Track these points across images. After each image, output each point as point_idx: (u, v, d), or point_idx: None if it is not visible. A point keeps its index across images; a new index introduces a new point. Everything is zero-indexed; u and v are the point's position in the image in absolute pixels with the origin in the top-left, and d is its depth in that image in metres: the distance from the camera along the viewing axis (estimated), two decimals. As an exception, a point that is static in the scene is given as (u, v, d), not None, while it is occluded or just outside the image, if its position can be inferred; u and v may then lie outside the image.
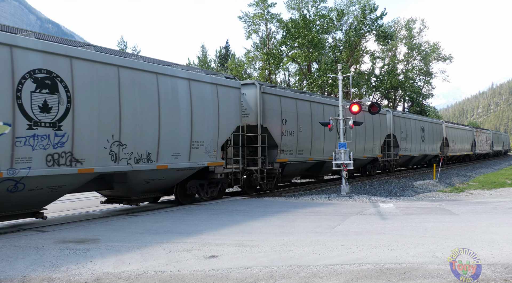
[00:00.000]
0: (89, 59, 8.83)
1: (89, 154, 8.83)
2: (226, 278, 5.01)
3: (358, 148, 19.88)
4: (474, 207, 11.53)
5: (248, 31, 43.05)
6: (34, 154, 7.87)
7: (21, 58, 7.70)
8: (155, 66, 10.49)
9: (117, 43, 49.85)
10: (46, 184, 8.28)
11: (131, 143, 9.72)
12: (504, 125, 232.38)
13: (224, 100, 12.40)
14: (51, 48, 8.18)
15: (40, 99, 7.96)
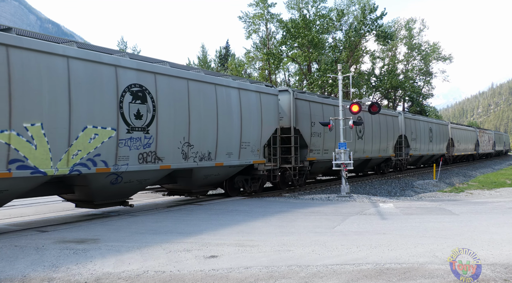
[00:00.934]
0: (167, 74, 10.64)
1: (167, 153, 10.61)
2: (226, 278, 5.01)
3: (374, 147, 21.53)
4: (474, 207, 11.53)
5: (248, 31, 43.06)
6: (130, 153, 9.66)
7: (122, 75, 9.52)
8: (214, 78, 12.30)
9: (117, 43, 49.87)
10: (136, 178, 10.12)
11: (197, 143, 11.52)
12: (504, 125, 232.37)
13: (266, 106, 14.12)
14: (141, 66, 9.98)
15: (135, 109, 9.78)
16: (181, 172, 11.48)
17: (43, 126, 8.04)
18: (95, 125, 8.96)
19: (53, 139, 8.21)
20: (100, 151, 9.05)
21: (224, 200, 13.05)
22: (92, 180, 9.18)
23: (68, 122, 8.45)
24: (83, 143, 8.73)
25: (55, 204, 12.90)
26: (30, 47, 7.87)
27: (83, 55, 8.79)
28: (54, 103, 8.20)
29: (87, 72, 8.81)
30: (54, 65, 8.24)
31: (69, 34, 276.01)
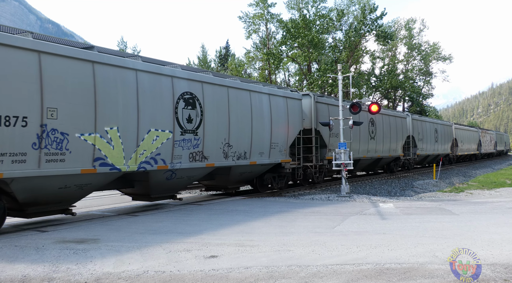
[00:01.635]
0: (211, 83, 11.94)
1: (211, 153, 11.86)
2: (226, 278, 5.01)
3: (385, 147, 22.90)
4: (474, 207, 11.53)
5: (248, 31, 43.04)
6: (183, 152, 10.97)
7: (177, 85, 10.82)
8: (249, 85, 13.66)
9: (117, 43, 49.83)
10: (186, 174, 11.48)
11: (235, 144, 12.73)
12: (504, 125, 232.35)
13: (291, 110, 15.37)
14: (191, 76, 11.36)
15: (186, 114, 11.10)
16: (220, 170, 12.64)
17: (118, 130, 9.41)
18: (156, 129, 10.29)
19: (125, 141, 9.60)
20: (160, 150, 10.39)
21: (224, 200, 13.05)
22: (152, 176, 10.54)
23: (137, 126, 9.84)
24: (147, 143, 10.08)
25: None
26: (109, 63, 9.25)
27: (148, 68, 10.18)
28: (126, 110, 9.59)
29: (151, 83, 10.20)
30: (127, 78, 9.66)
31: (69, 34, 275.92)
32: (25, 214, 8.51)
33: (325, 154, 17.33)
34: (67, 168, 8.44)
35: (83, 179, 8.91)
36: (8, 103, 7.48)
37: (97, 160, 8.96)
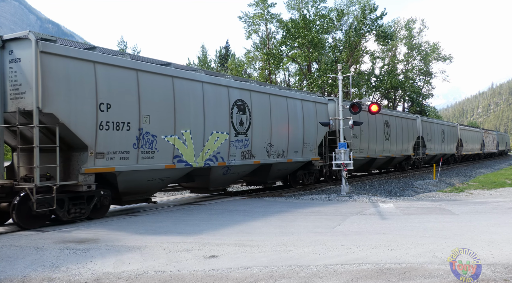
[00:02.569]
0: (257, 91, 13.86)
1: (257, 151, 13.73)
2: (226, 278, 5.01)
3: (397, 147, 24.84)
4: (474, 207, 11.53)
5: (248, 31, 43.04)
6: (236, 151, 12.83)
7: (231, 93, 12.70)
8: (285, 92, 15.60)
9: (117, 43, 49.85)
10: (238, 170, 13.39)
11: (276, 144, 14.58)
12: (504, 125, 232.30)
13: (319, 113, 17.15)
14: (242, 86, 13.28)
15: (239, 118, 12.98)
16: (263, 166, 14.35)
17: (190, 132, 11.30)
18: (217, 131, 12.16)
19: (195, 141, 11.46)
20: (220, 149, 12.24)
21: (224, 200, 13.05)
22: (213, 171, 12.38)
23: (203, 129, 11.70)
24: (211, 144, 11.94)
25: None
26: (184, 77, 11.21)
27: (210, 80, 12.08)
28: (196, 115, 11.46)
29: (212, 92, 12.07)
30: (196, 88, 11.58)
31: (69, 34, 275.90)
32: (121, 202, 10.43)
33: None
34: (156, 164, 10.37)
35: (165, 173, 10.86)
36: (119, 113, 9.48)
37: (176, 157, 10.91)
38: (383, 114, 23.23)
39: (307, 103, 16.40)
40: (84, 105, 8.91)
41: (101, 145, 9.18)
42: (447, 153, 34.95)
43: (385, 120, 23.27)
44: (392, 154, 24.07)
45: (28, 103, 8.35)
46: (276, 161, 14.55)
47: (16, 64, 8.49)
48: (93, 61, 9.05)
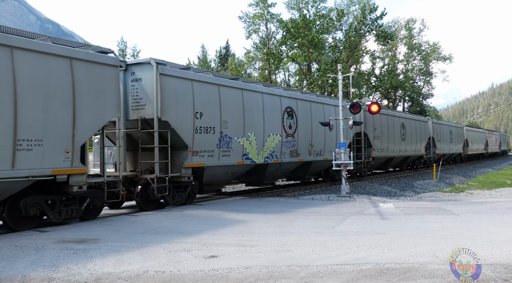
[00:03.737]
0: (302, 99, 16.46)
1: (302, 151, 16.23)
2: (226, 278, 5.01)
3: (412, 147, 27.33)
4: (474, 207, 11.53)
5: (248, 31, 43.00)
6: (286, 150, 15.24)
7: (283, 102, 15.34)
8: (322, 99, 18.29)
9: (117, 43, 49.81)
10: (286, 167, 15.75)
11: (315, 144, 17.04)
12: (504, 125, 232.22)
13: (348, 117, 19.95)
14: (291, 95, 15.83)
15: (288, 122, 15.45)
16: (304, 164, 16.67)
17: (254, 134, 13.77)
18: (273, 133, 14.61)
19: (258, 142, 13.93)
20: (275, 149, 14.69)
21: (224, 200, 13.05)
22: (269, 167, 14.74)
23: (263, 131, 14.20)
24: (268, 144, 14.37)
25: None
26: (249, 89, 13.83)
27: (267, 90, 14.67)
28: (258, 121, 13.97)
29: (269, 101, 14.59)
30: (257, 98, 14.13)
31: (69, 34, 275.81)
32: (202, 191, 12.90)
33: (371, 153, 21.87)
34: (231, 161, 12.84)
35: (236, 168, 13.31)
36: (208, 120, 12.07)
37: (244, 155, 13.34)
38: (400, 117, 26.08)
39: (334, 108, 18.94)
40: (186, 114, 11.44)
41: (196, 145, 11.72)
42: (454, 153, 37.39)
43: (402, 122, 25.82)
44: (407, 153, 26.49)
45: (148, 113, 10.89)
46: (315, 159, 17.11)
47: (138, 83, 11.12)
48: (190, 79, 11.70)
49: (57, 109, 8.41)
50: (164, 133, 10.95)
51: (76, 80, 8.75)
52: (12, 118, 7.72)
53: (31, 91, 8.03)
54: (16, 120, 7.78)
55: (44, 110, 8.21)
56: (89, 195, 9.10)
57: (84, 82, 8.91)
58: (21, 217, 8.16)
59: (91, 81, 9.06)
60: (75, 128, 8.72)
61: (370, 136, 21.65)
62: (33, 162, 8.01)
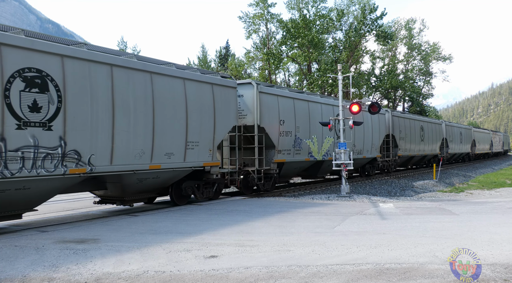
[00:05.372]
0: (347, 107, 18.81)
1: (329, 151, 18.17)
2: (226, 278, 5.01)
3: (429, 147, 30.78)
4: (474, 207, 11.53)
5: (248, 31, 43.00)
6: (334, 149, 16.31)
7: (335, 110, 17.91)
8: None
9: (117, 43, 49.76)
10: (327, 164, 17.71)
11: (357, 144, 19.98)
12: (504, 125, 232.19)
13: (381, 122, 23.02)
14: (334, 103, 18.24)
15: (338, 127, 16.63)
16: None
17: (316, 137, 16.93)
18: (328, 136, 17.66)
19: (318, 143, 17.09)
20: (329, 149, 17.78)
21: (224, 200, 13.05)
22: (324, 163, 17.61)
23: (322, 135, 17.30)
24: (325, 145, 17.49)
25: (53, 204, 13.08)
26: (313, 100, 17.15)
27: (324, 101, 17.83)
28: (318, 125, 16.67)
29: (326, 109, 17.64)
30: (318, 108, 17.20)
31: (69, 34, 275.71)
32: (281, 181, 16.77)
33: (397, 152, 25.43)
34: (301, 157, 16.15)
35: (303, 164, 16.63)
36: (287, 125, 15.35)
37: (309, 153, 16.56)
38: (420, 121, 29.78)
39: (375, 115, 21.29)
40: (273, 121, 14.68)
41: (280, 145, 14.98)
42: (463, 152, 41.29)
43: (421, 125, 29.42)
44: (425, 153, 30.03)
45: (249, 121, 14.17)
46: (357, 156, 19.76)
47: (240, 98, 14.08)
48: (276, 95, 15.03)
49: (206, 120, 11.88)
50: (260, 136, 14.19)
51: (215, 99, 12.24)
52: (185, 127, 11.18)
53: (194, 108, 11.43)
54: (187, 129, 11.22)
55: (200, 121, 11.67)
56: (217, 181, 12.92)
57: (219, 100, 12.37)
58: (180, 195, 11.91)
59: (222, 99, 12.52)
60: (215, 133, 12.24)
61: (397, 138, 25.17)
62: (194, 157, 11.48)
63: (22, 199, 8.15)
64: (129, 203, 10.78)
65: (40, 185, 8.17)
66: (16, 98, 7.59)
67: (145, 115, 10.03)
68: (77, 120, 8.56)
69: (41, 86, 7.97)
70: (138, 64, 9.99)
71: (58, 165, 8.26)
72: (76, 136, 8.56)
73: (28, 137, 7.77)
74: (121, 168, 9.51)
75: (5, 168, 7.43)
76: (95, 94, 8.90)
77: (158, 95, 10.32)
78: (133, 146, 9.77)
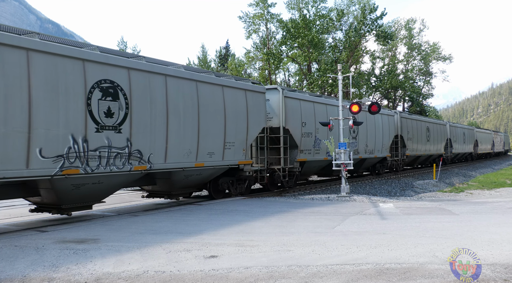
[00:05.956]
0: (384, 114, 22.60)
1: (361, 150, 20.33)
2: (226, 278, 5.01)
3: (434, 147, 32.37)
4: (474, 207, 11.53)
5: (248, 31, 42.98)
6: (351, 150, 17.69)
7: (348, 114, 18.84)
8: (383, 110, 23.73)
9: (117, 43, 49.76)
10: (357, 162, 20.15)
11: (369, 145, 21.44)
12: (504, 125, 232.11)
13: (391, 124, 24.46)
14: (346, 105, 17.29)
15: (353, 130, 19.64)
16: (362, 160, 21.02)
17: (333, 138, 17.65)
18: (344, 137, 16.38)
19: (335, 143, 17.29)
20: None
21: (224, 200, 13.04)
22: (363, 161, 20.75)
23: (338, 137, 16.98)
24: None
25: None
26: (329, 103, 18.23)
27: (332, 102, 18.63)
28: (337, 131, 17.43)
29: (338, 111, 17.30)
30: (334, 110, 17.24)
31: (69, 34, 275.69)
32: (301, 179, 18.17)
33: (405, 152, 26.90)
34: (320, 157, 17.47)
35: (321, 163, 17.75)
36: (308, 127, 16.44)
37: (327, 153, 17.66)
38: (425, 122, 31.15)
39: (385, 117, 23.31)
40: (296, 123, 15.75)
41: (302, 145, 16.15)
42: (467, 152, 42.86)
43: (427, 126, 30.74)
44: (431, 152, 31.46)
45: (274, 123, 15.38)
46: (368, 156, 21.37)
47: (267, 102, 14.93)
48: (299, 99, 16.16)
49: (240, 123, 13.20)
50: (285, 137, 15.25)
51: (248, 103, 13.55)
52: (223, 129, 12.51)
53: (231, 112, 12.79)
54: (225, 130, 12.58)
55: (236, 124, 12.99)
56: (248, 178, 14.12)
57: (251, 104, 13.67)
58: (217, 190, 13.32)
59: (254, 103, 13.81)
60: (247, 134, 13.59)
61: (405, 138, 26.54)
62: (230, 156, 12.83)
63: (95, 192, 9.52)
64: (175, 196, 12.31)
65: (111, 180, 9.59)
66: (95, 106, 8.96)
67: (192, 119, 11.42)
68: (140, 124, 9.93)
69: (113, 95, 9.37)
70: (186, 74, 11.38)
71: (125, 162, 9.63)
72: (139, 138, 9.93)
73: (104, 139, 9.14)
74: (172, 166, 10.94)
75: (87, 165, 8.81)
76: (153, 101, 10.30)
77: (202, 101, 11.74)
78: (182, 146, 11.17)
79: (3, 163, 7.54)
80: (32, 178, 8.09)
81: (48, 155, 8.18)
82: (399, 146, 25.89)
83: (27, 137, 7.84)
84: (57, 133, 8.30)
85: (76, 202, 9.29)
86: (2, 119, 7.51)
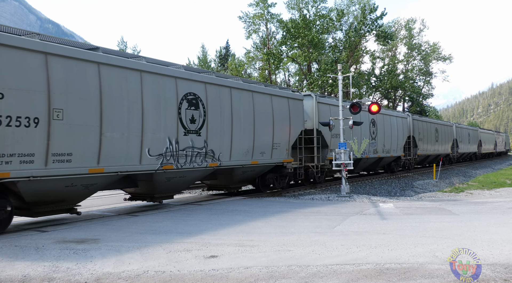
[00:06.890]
0: (381, 113, 22.45)
1: (379, 150, 22.06)
2: (226, 278, 5.01)
3: (442, 147, 34.19)
4: (474, 207, 11.53)
5: (248, 31, 42.97)
6: (371, 149, 21.20)
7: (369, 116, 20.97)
8: (389, 111, 25.25)
9: (117, 43, 49.76)
10: (370, 161, 21.95)
11: (387, 145, 23.32)
12: (504, 125, 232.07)
13: (404, 125, 26.29)
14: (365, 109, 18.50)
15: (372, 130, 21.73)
16: (380, 159, 22.83)
17: (357, 138, 19.61)
18: (365, 137, 20.65)
19: (358, 144, 19.74)
20: (365, 148, 20.60)
21: (224, 200, 13.05)
22: (361, 161, 20.60)
23: (360, 136, 20.12)
24: (363, 145, 20.26)
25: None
26: None
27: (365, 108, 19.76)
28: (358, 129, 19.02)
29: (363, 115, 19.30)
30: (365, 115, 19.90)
31: (69, 34, 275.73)
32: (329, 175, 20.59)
33: (416, 151, 28.51)
34: None
35: None
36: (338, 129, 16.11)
37: (351, 151, 17.09)
38: (434, 123, 33.01)
39: (398, 119, 25.35)
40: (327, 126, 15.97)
41: (331, 145, 17.58)
42: (471, 152, 44.71)
43: (435, 127, 32.55)
44: (439, 152, 33.37)
45: (308, 125, 16.94)
46: (385, 155, 23.04)
47: None
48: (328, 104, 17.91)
49: (284, 126, 15.12)
50: (318, 138, 16.88)
51: (290, 109, 15.44)
52: (272, 131, 14.42)
53: (277, 116, 14.71)
54: (273, 133, 14.49)
55: (281, 127, 14.91)
56: (289, 174, 15.92)
57: (292, 110, 15.55)
58: (264, 184, 15.24)
59: (294, 109, 15.67)
60: (290, 136, 15.38)
61: (416, 139, 28.29)
62: (276, 155, 14.66)
63: (179, 184, 11.63)
64: (232, 189, 14.39)
65: (192, 174, 11.65)
66: (183, 114, 11.07)
67: (249, 123, 13.40)
68: (213, 128, 11.94)
69: (196, 105, 11.47)
70: (245, 85, 13.49)
71: (202, 160, 11.59)
72: (212, 140, 11.92)
73: (189, 141, 11.18)
74: (235, 163, 12.81)
75: (177, 162, 10.84)
76: (222, 109, 12.33)
77: (256, 108, 13.74)
78: (242, 146, 13.08)
79: (127, 160, 9.53)
80: (143, 172, 10.04)
81: (153, 153, 10.21)
82: (411, 146, 27.56)
83: (141, 140, 9.87)
84: (159, 136, 10.35)
85: (165, 192, 11.31)
86: (126, 126, 9.49)
